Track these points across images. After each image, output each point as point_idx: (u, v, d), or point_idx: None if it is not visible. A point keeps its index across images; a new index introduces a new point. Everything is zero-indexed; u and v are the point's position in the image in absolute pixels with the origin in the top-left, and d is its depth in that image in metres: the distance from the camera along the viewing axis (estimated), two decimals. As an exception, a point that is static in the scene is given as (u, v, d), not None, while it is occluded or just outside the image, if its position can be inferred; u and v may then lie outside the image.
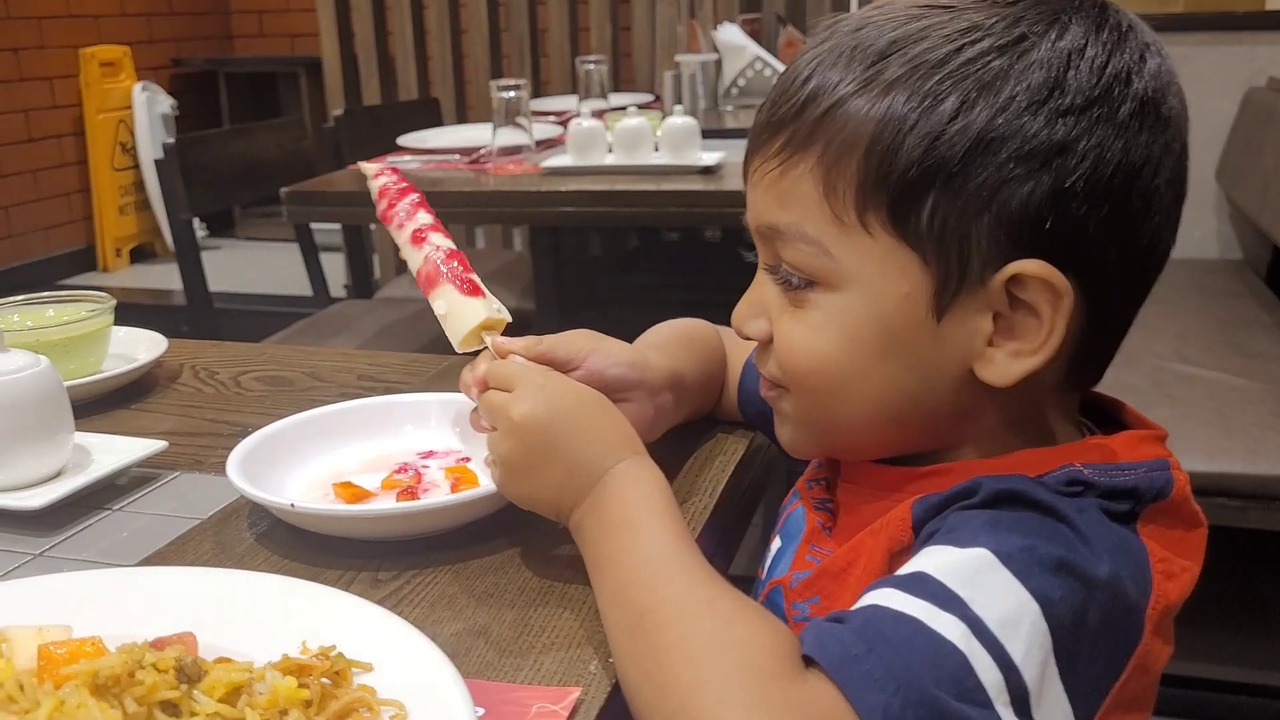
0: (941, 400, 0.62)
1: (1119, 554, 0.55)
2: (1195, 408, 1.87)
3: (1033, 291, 0.58)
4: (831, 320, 0.62)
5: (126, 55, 5.03)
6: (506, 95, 2.17)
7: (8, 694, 0.51)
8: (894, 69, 0.58)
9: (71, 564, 0.76)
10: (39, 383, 0.84)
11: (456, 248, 0.83)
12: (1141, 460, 0.61)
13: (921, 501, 0.59)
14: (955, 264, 0.58)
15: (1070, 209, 0.57)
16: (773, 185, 0.62)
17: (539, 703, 0.59)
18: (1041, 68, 0.56)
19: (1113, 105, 0.57)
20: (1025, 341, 0.59)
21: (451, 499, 0.76)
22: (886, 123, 0.57)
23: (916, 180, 0.57)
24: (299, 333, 2.41)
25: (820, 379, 0.64)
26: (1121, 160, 0.57)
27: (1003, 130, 0.56)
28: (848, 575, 0.62)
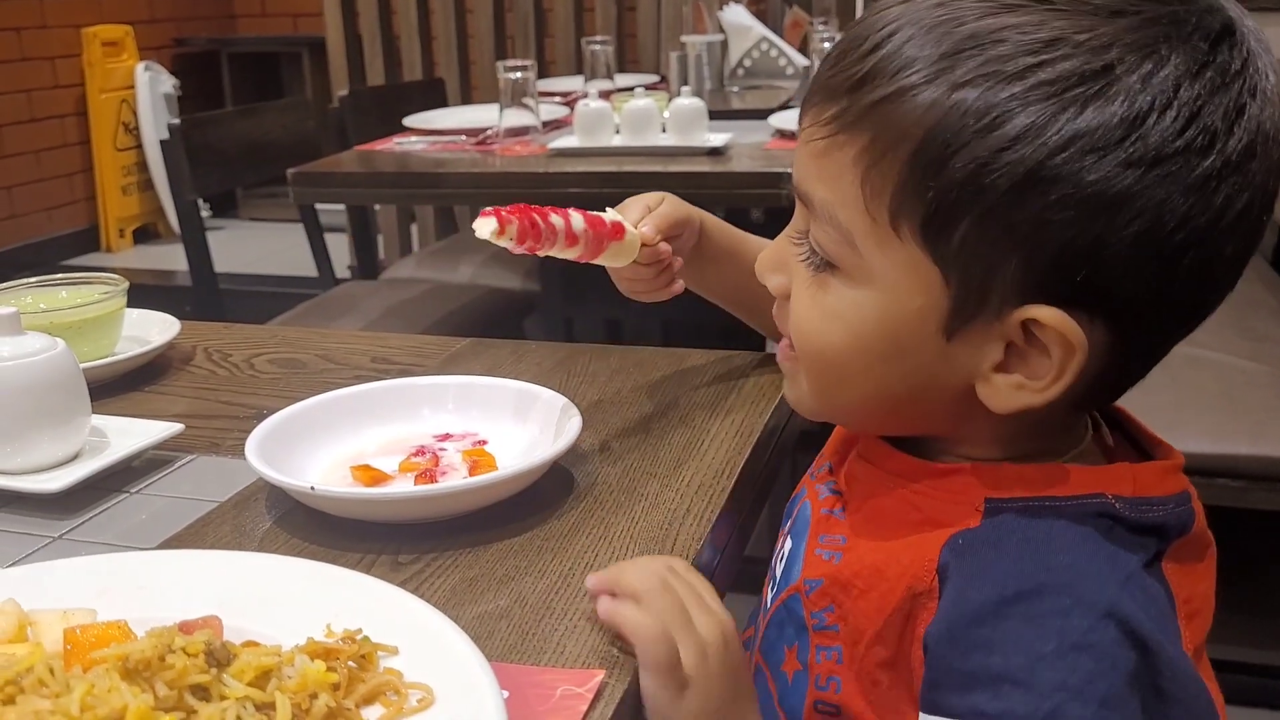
0: (938, 404, 0.61)
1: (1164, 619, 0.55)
2: (1201, 390, 1.87)
3: (1049, 336, 0.55)
4: (845, 312, 0.61)
5: (129, 35, 5.02)
6: (513, 76, 2.16)
7: (38, 678, 0.52)
8: (965, 69, 0.53)
9: (91, 547, 0.77)
10: (57, 365, 0.84)
11: (581, 213, 0.83)
12: (1169, 495, 0.59)
13: (952, 548, 0.58)
14: (975, 291, 0.56)
15: (1110, 265, 0.53)
16: (817, 156, 0.59)
17: (564, 685, 0.59)
18: (1123, 102, 0.51)
19: (1190, 163, 0.51)
20: (1032, 378, 0.57)
21: (471, 482, 0.76)
22: (939, 131, 0.53)
23: (955, 201, 0.54)
24: (305, 313, 2.40)
25: (825, 364, 0.64)
26: (1184, 221, 0.52)
27: (1058, 170, 0.51)
28: (865, 598, 0.62)
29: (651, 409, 0.96)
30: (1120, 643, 0.52)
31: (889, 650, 0.60)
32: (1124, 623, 0.52)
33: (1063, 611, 0.53)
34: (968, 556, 0.57)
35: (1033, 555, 0.55)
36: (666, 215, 0.88)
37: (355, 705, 0.54)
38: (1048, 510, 0.58)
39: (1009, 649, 0.53)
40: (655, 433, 0.91)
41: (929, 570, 0.58)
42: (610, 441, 0.89)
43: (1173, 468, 0.62)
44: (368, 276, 2.83)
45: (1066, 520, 0.57)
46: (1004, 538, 0.57)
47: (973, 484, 0.60)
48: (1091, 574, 0.54)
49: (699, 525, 0.76)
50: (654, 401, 0.97)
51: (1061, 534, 0.56)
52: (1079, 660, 0.52)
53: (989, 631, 0.54)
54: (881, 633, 0.60)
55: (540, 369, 1.06)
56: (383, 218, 3.83)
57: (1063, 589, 0.53)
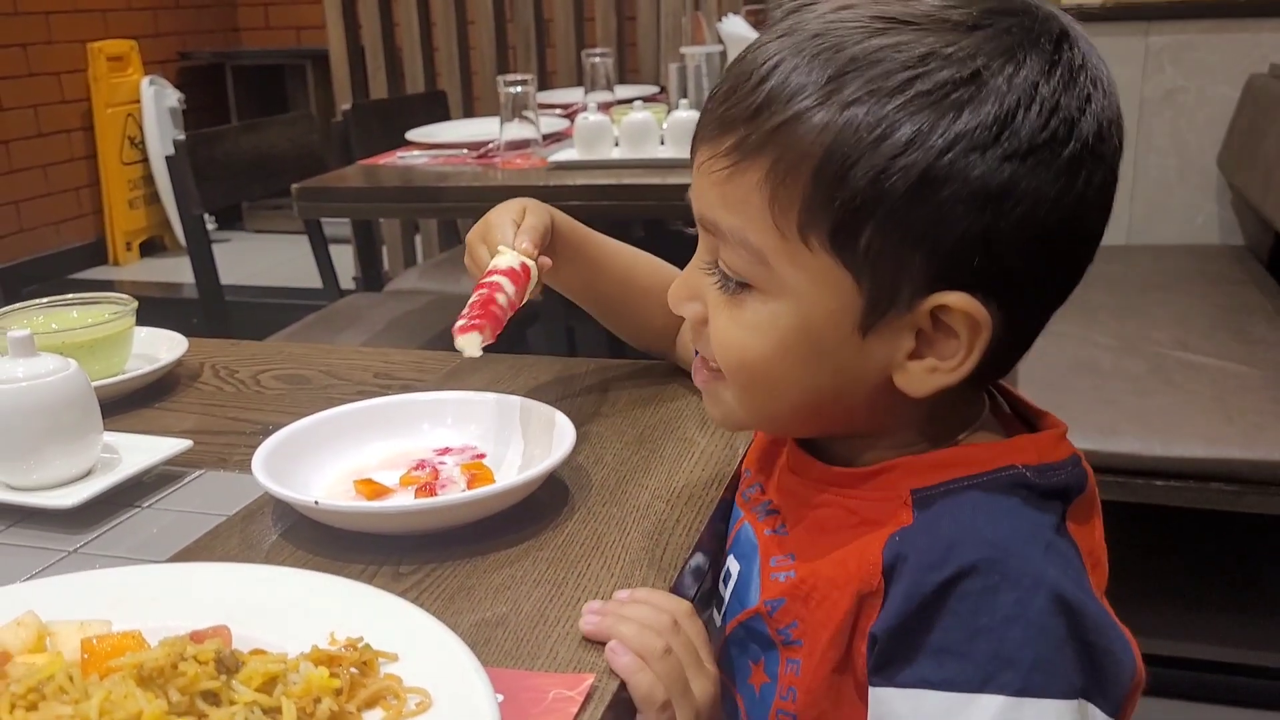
0: (861, 399, 0.66)
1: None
2: (1195, 394, 1.89)
3: (955, 319, 0.60)
4: (762, 324, 0.64)
5: (134, 49, 5.06)
6: (513, 90, 2.19)
7: (59, 685, 0.55)
8: (851, 89, 0.58)
9: (105, 560, 0.80)
10: (70, 385, 0.87)
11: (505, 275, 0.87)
12: (1065, 459, 0.65)
13: (892, 546, 0.62)
14: (886, 289, 0.60)
15: (1002, 247, 0.58)
16: (720, 184, 0.63)
17: (555, 689, 0.62)
18: (993, 103, 0.57)
19: (1056, 150, 0.58)
20: (943, 360, 0.62)
21: (469, 495, 0.79)
22: (837, 147, 0.58)
23: (859, 208, 0.58)
24: (310, 326, 2.43)
25: (751, 375, 0.67)
26: (1056, 203, 0.58)
27: (947, 170, 0.57)
28: (821, 607, 0.66)
29: (643, 422, 0.99)
30: (1046, 610, 0.57)
31: (839, 652, 0.65)
32: (1049, 590, 0.58)
33: (993, 587, 0.58)
34: (906, 552, 0.61)
35: (963, 538, 0.60)
36: (535, 228, 0.92)
37: (357, 709, 0.57)
38: (969, 489, 0.63)
39: (948, 624, 0.58)
40: (647, 445, 0.94)
41: (874, 572, 0.62)
42: (604, 454, 0.92)
43: (1062, 434, 0.67)
44: (372, 288, 2.86)
45: (987, 496, 0.62)
46: (935, 525, 0.62)
47: (897, 479, 0.65)
48: (1017, 550, 0.59)
49: (688, 535, 0.79)
50: (647, 414, 1.00)
51: (985, 513, 0.61)
52: (1009, 630, 0.57)
53: (932, 612, 0.59)
54: (834, 637, 0.65)
55: (537, 383, 1.08)
56: (387, 230, 3.86)
57: (992, 566, 0.58)
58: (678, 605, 0.69)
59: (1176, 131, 2.87)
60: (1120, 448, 1.77)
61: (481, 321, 0.83)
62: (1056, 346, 2.07)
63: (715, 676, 0.68)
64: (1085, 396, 1.91)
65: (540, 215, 0.93)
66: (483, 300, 0.85)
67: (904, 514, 0.64)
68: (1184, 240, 2.91)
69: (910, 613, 0.59)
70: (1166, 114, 2.86)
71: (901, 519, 0.63)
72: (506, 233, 0.91)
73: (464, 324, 0.83)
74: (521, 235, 0.90)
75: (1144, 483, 1.77)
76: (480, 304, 0.85)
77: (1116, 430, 1.79)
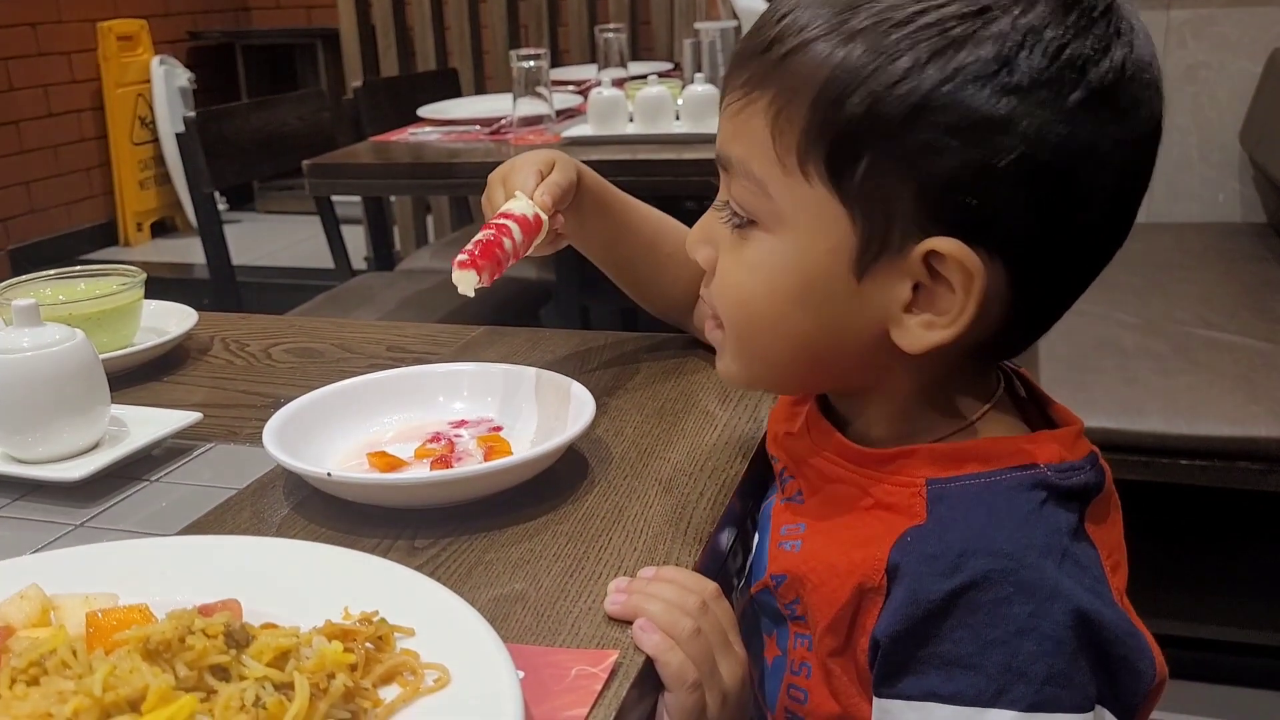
0: (855, 352, 0.64)
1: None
2: (1220, 373, 1.86)
3: (949, 268, 0.58)
4: (762, 261, 0.63)
5: (144, 29, 5.04)
6: (526, 65, 2.17)
7: (61, 660, 0.52)
8: (858, 19, 0.57)
9: (112, 534, 0.78)
10: (76, 356, 0.85)
11: (515, 221, 0.85)
12: (1084, 458, 0.63)
13: (901, 547, 0.60)
14: (879, 227, 0.59)
15: (997, 189, 0.56)
16: (733, 117, 0.63)
17: (578, 665, 0.60)
18: (996, 42, 0.55)
19: (1061, 90, 0.56)
20: (940, 315, 0.60)
21: (485, 467, 0.77)
22: (837, 74, 0.57)
23: (855, 136, 0.57)
24: (321, 305, 2.42)
25: (743, 315, 0.66)
26: (1060, 147, 0.56)
27: (944, 99, 0.55)
28: (818, 592, 0.65)
29: (665, 394, 0.96)
30: (1061, 623, 0.56)
31: (838, 640, 0.64)
32: (1065, 602, 0.56)
33: (1006, 599, 0.56)
34: (916, 554, 0.59)
35: (976, 545, 0.58)
36: (559, 184, 0.89)
37: (372, 685, 0.55)
38: (986, 489, 0.61)
39: (959, 636, 0.57)
40: (668, 418, 0.91)
41: (878, 569, 0.61)
42: (624, 427, 0.90)
43: (1080, 431, 0.65)
44: (384, 268, 2.84)
45: (1004, 498, 0.60)
46: (948, 529, 0.60)
47: (914, 466, 0.63)
48: (1031, 561, 0.57)
49: (712, 509, 0.77)
50: (667, 387, 0.98)
51: (1001, 518, 0.59)
52: (1022, 644, 0.55)
53: (940, 622, 0.57)
54: (832, 624, 0.63)
55: (554, 356, 1.06)
56: (398, 209, 3.84)
57: (1005, 577, 0.56)
58: (705, 586, 0.67)
59: (1198, 108, 2.82)
60: (1145, 427, 1.74)
61: (483, 261, 0.80)
62: (1079, 325, 2.04)
63: (743, 659, 0.67)
64: (1109, 376, 1.88)
65: (566, 172, 0.91)
66: (488, 240, 0.82)
67: (918, 505, 0.62)
68: (1206, 218, 2.87)
69: (916, 619, 0.58)
70: (1188, 90, 2.81)
71: (915, 511, 0.62)
72: (528, 181, 0.88)
73: (464, 259, 0.80)
74: (543, 188, 0.88)
75: (1169, 462, 1.74)
76: (485, 243, 0.81)
77: (1141, 409, 1.76)
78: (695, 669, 0.63)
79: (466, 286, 0.81)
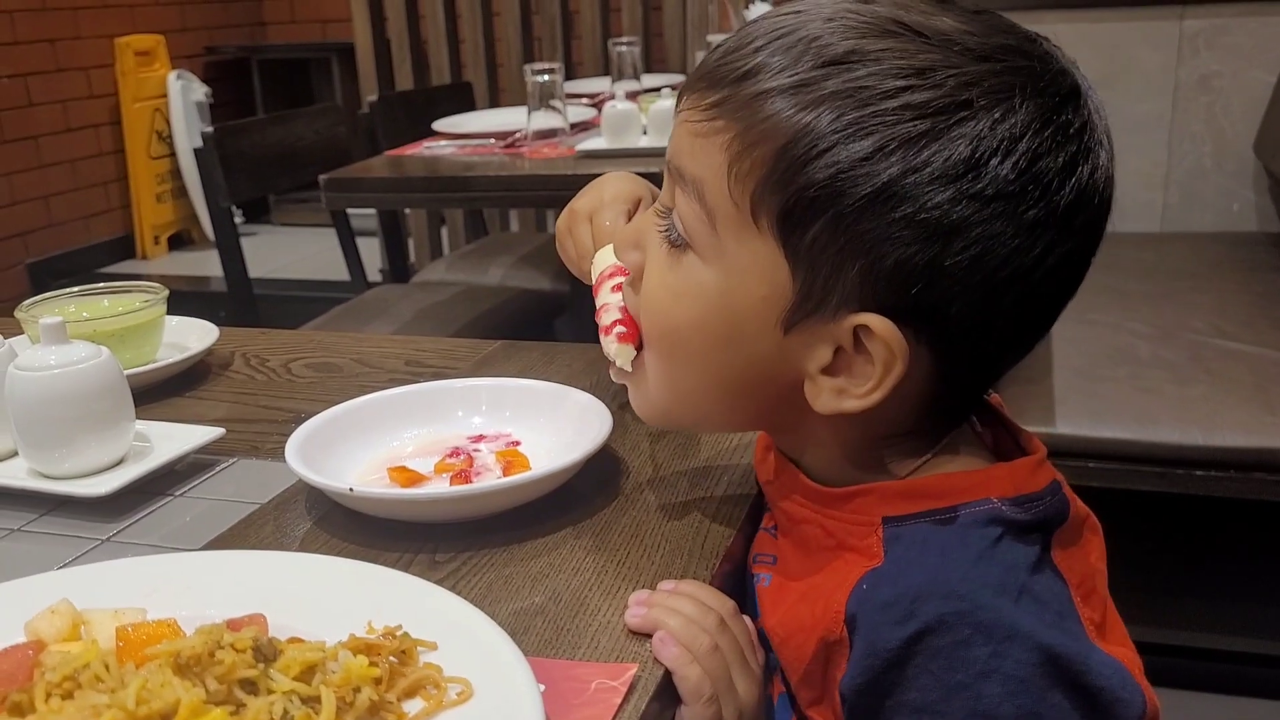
0: (774, 396, 0.64)
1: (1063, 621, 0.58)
2: (1235, 383, 1.86)
3: (874, 344, 0.58)
4: (691, 289, 0.63)
5: (161, 44, 5.08)
6: (540, 79, 2.18)
7: (94, 674, 0.54)
8: (841, 80, 0.56)
9: (138, 548, 0.79)
10: (102, 373, 0.86)
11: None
12: (1043, 489, 0.62)
13: (857, 595, 0.60)
14: (818, 290, 0.58)
15: (941, 285, 0.56)
16: (693, 135, 0.62)
17: (598, 679, 0.60)
18: (969, 143, 0.55)
19: (1021, 205, 0.55)
20: (853, 383, 0.60)
21: (504, 482, 0.78)
22: (805, 134, 0.56)
23: (812, 201, 0.57)
24: (338, 317, 2.43)
25: (668, 343, 0.66)
26: (1008, 259, 0.56)
27: (908, 191, 0.55)
28: (786, 646, 0.65)
29: (681, 408, 0.97)
30: (1025, 661, 0.55)
31: (815, 691, 0.64)
32: (1026, 639, 0.55)
33: (964, 642, 0.56)
34: (871, 603, 0.59)
35: (929, 589, 0.57)
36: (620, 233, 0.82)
37: (396, 699, 0.56)
38: (939, 528, 0.60)
39: (923, 683, 0.57)
40: (685, 432, 0.92)
41: (838, 622, 0.60)
42: (641, 441, 0.91)
43: (1041, 459, 0.64)
44: (399, 280, 2.86)
45: (958, 536, 0.59)
46: (902, 573, 0.59)
47: (870, 504, 0.63)
48: (986, 601, 0.56)
49: (729, 524, 0.77)
50: (683, 401, 0.98)
51: (954, 558, 0.59)
52: (986, 686, 0.55)
53: (901, 670, 0.57)
54: (805, 677, 0.64)
55: (571, 370, 1.07)
56: (413, 221, 3.86)
57: (961, 620, 0.56)
58: (724, 603, 0.68)
59: (1212, 117, 2.82)
60: (1159, 437, 1.74)
61: (634, 331, 0.71)
62: (1092, 334, 2.04)
63: (759, 677, 0.67)
64: (1123, 385, 1.88)
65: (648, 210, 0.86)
66: (624, 309, 0.72)
67: (875, 545, 0.61)
68: (1220, 228, 2.86)
69: (877, 670, 0.58)
70: (1202, 100, 2.81)
71: (873, 551, 0.61)
72: (619, 222, 0.84)
73: (621, 332, 0.71)
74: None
75: (1184, 473, 1.74)
76: (625, 312, 0.72)
77: (1156, 420, 1.76)
78: (712, 684, 0.63)
79: (626, 360, 0.71)
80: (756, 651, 0.68)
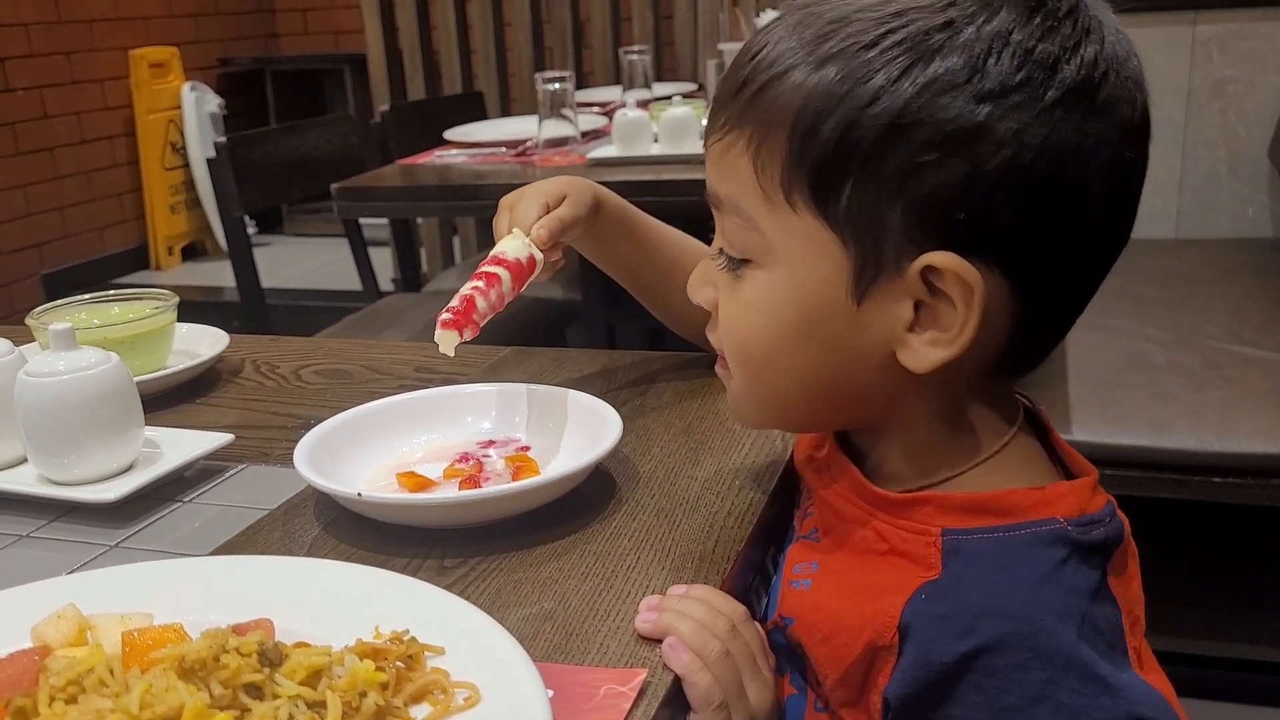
0: (865, 381, 0.63)
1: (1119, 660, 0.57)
2: (1251, 389, 1.85)
3: (948, 283, 0.57)
4: (759, 297, 0.63)
5: (175, 56, 5.10)
6: (551, 87, 2.18)
7: (99, 678, 0.53)
8: (825, 48, 0.58)
9: (146, 554, 0.79)
10: (111, 379, 0.86)
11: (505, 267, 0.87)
12: (1102, 510, 0.61)
13: (914, 605, 0.59)
14: (871, 250, 0.58)
15: (985, 197, 0.55)
16: (718, 160, 0.63)
17: (607, 684, 0.60)
18: (963, 51, 0.55)
19: (1034, 92, 0.55)
20: (944, 331, 0.59)
21: (513, 487, 0.77)
22: (810, 102, 0.57)
23: (834, 163, 0.57)
24: (350, 327, 2.43)
25: (747, 354, 0.65)
26: (1042, 148, 0.55)
27: (917, 114, 0.55)
28: (827, 644, 0.63)
29: (692, 413, 0.96)
30: (1078, 691, 0.55)
31: (851, 693, 0.62)
32: (1083, 670, 0.55)
33: (1022, 665, 0.55)
34: (928, 614, 0.58)
35: (991, 606, 0.57)
36: (561, 220, 0.90)
37: (403, 704, 0.55)
38: (1002, 544, 0.59)
39: (971, 700, 0.56)
40: (695, 436, 0.91)
41: (890, 627, 0.59)
42: (651, 446, 0.90)
43: (1096, 481, 0.63)
44: (411, 289, 2.86)
45: (1023, 556, 0.58)
46: (962, 587, 0.58)
47: (929, 514, 0.62)
48: (1049, 626, 0.56)
49: (739, 528, 0.77)
50: (694, 406, 0.98)
51: (1018, 578, 0.57)
52: (1037, 711, 0.55)
53: (952, 685, 0.56)
54: (843, 679, 0.62)
55: (581, 375, 1.07)
56: (425, 231, 3.86)
57: (1021, 641, 0.55)
58: (735, 609, 0.67)
59: (1226, 123, 2.81)
60: (1175, 444, 1.73)
61: (463, 321, 0.84)
62: (1108, 341, 2.03)
63: (771, 683, 0.66)
64: (1139, 392, 1.87)
65: (575, 207, 0.91)
66: (467, 301, 0.84)
67: (932, 556, 0.60)
68: (1235, 234, 2.85)
69: (927, 680, 0.57)
70: (1215, 105, 2.80)
71: (930, 562, 0.60)
72: (530, 213, 0.89)
73: (447, 319, 0.83)
74: (543, 222, 0.89)
75: (1201, 480, 1.73)
76: (467, 301, 0.84)
77: (1172, 426, 1.75)
78: (722, 691, 0.63)
79: (448, 346, 0.84)
80: (768, 656, 0.67)
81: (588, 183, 0.93)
